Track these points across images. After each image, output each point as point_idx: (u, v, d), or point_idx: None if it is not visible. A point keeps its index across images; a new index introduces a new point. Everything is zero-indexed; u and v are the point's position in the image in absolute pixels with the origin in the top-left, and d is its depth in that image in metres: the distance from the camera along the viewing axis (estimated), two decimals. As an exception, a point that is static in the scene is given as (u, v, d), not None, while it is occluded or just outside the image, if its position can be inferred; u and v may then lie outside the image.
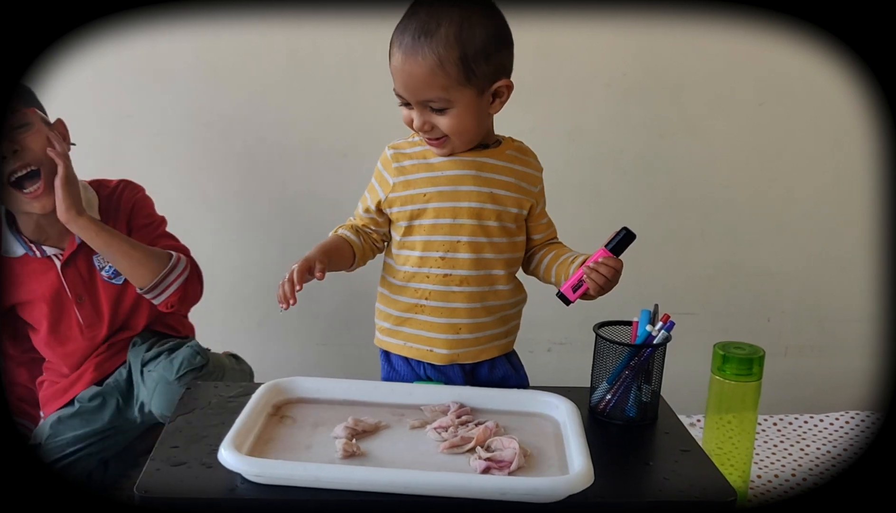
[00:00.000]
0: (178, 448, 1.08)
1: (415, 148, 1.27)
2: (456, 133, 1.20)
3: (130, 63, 1.93)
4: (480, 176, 1.25)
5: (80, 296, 1.59)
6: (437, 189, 1.24)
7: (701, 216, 2.10)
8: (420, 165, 1.25)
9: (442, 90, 1.16)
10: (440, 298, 1.26)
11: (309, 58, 1.95)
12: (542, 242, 1.34)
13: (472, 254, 1.25)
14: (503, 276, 1.28)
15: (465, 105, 1.18)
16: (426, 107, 1.19)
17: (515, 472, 1.01)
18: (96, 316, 1.61)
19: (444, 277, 1.25)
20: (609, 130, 2.04)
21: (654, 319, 1.23)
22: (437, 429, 1.10)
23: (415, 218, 1.25)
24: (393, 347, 1.31)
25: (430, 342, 1.28)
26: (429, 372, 1.30)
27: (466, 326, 1.27)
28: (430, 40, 1.14)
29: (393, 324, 1.30)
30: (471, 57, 1.15)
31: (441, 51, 1.14)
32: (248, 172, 2.01)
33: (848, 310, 2.14)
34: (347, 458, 1.03)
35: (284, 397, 1.19)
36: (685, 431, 1.21)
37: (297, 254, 1.64)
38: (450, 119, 1.19)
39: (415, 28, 1.15)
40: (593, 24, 1.96)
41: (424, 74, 1.15)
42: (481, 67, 1.17)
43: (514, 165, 1.28)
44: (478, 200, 1.24)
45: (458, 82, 1.16)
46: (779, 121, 2.04)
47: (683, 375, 1.61)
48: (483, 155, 1.26)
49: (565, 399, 1.17)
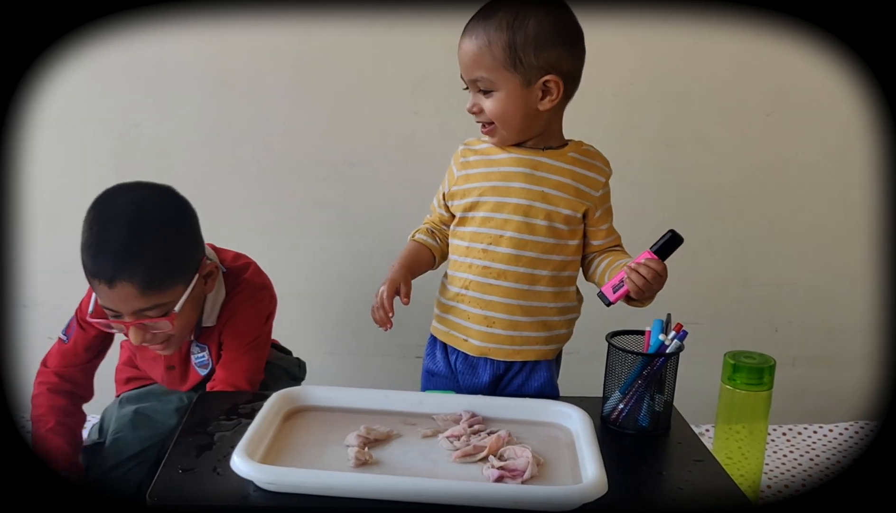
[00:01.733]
0: (190, 455, 1.07)
1: (482, 144, 1.33)
2: (499, 118, 1.26)
3: (138, 72, 1.94)
4: (533, 174, 1.29)
5: (172, 366, 1.57)
6: (490, 184, 1.29)
7: (708, 226, 2.09)
8: (481, 160, 1.32)
9: (487, 71, 1.23)
10: (478, 288, 1.30)
11: (317, 66, 1.95)
12: (601, 248, 1.35)
13: (514, 249, 1.28)
14: (546, 277, 1.30)
15: (509, 92, 1.24)
16: (476, 88, 1.26)
17: (528, 481, 1.01)
18: (180, 383, 1.60)
19: (483, 268, 1.30)
20: (616, 140, 2.02)
21: (666, 329, 1.23)
22: (450, 438, 1.10)
23: (468, 210, 1.31)
24: (438, 333, 1.38)
25: (467, 332, 1.33)
26: (459, 363, 1.34)
27: (500, 322, 1.30)
28: (485, 22, 1.23)
29: (441, 311, 1.37)
30: (519, 45, 1.22)
31: (492, 32, 1.22)
32: (255, 181, 2.01)
33: (856, 320, 2.13)
34: (360, 466, 1.03)
35: (296, 405, 1.18)
36: (698, 440, 1.21)
37: (305, 262, 1.65)
38: (493, 103, 1.24)
39: (480, 13, 1.24)
40: (601, 35, 1.96)
41: (473, 52, 1.23)
42: (529, 58, 1.23)
43: (573, 167, 1.31)
44: (526, 197, 1.28)
45: (503, 66, 1.22)
46: (787, 131, 2.04)
47: (691, 385, 1.60)
48: (542, 155, 1.30)
49: (578, 409, 1.17)
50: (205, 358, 1.54)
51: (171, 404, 1.57)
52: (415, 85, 1.92)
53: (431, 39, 1.49)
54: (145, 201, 1.36)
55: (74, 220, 1.97)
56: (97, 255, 1.30)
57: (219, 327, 1.51)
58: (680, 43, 1.96)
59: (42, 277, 2.01)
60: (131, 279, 1.28)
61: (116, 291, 1.29)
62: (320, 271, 2.04)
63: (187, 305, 1.37)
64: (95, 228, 1.32)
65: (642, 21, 1.92)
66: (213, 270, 1.45)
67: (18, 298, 2.01)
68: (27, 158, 1.93)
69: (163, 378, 1.61)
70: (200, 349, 1.54)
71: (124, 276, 1.27)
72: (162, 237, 1.33)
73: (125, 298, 1.29)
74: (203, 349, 1.53)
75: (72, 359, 1.53)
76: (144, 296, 1.30)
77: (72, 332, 1.52)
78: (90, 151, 1.97)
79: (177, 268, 1.34)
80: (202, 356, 1.54)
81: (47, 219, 1.99)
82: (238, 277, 1.53)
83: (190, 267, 1.38)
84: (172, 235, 1.35)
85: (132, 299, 1.30)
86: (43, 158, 1.95)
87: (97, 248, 1.30)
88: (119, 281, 1.28)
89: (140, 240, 1.30)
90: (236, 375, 1.47)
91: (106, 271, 1.28)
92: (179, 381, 1.60)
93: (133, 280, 1.28)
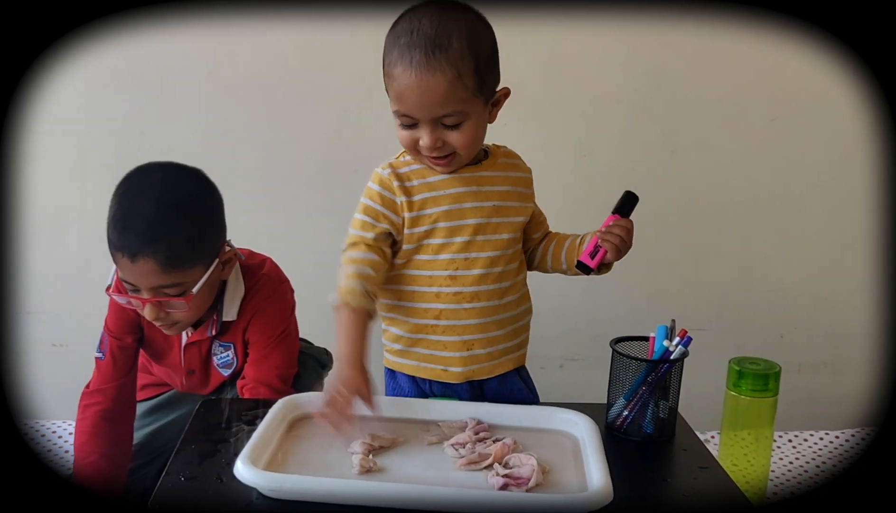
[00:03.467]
0: (192, 463, 1.07)
1: (410, 167, 1.23)
2: (466, 148, 1.18)
3: (143, 79, 1.94)
4: (480, 191, 1.23)
5: (192, 370, 1.57)
6: (442, 209, 1.22)
7: (713, 232, 2.09)
8: (423, 185, 1.22)
9: (460, 103, 1.13)
10: (451, 316, 1.24)
11: (320, 73, 1.96)
12: (540, 238, 1.34)
13: (481, 270, 1.23)
14: (512, 286, 1.28)
15: (476, 117, 1.16)
16: (438, 124, 1.15)
17: (533, 489, 1.00)
18: (201, 386, 1.60)
19: (454, 295, 1.23)
20: (620, 147, 2.04)
21: (671, 335, 1.22)
22: (455, 445, 1.09)
23: (422, 239, 1.23)
24: (405, 368, 1.29)
25: (444, 362, 1.26)
26: (435, 389, 1.29)
27: (479, 342, 1.26)
28: (445, 55, 1.11)
29: (405, 345, 1.28)
30: (483, 67, 1.14)
31: (459, 64, 1.11)
32: (258, 188, 2.01)
33: (862, 326, 2.12)
34: (364, 473, 1.02)
35: (302, 411, 1.18)
36: (703, 447, 1.20)
37: (308, 271, 1.64)
38: (462, 134, 1.16)
39: (424, 44, 1.11)
40: (605, 41, 1.97)
41: (444, 89, 1.12)
42: (489, 77, 1.17)
43: (509, 173, 1.28)
44: (481, 215, 1.23)
45: (472, 95, 1.14)
46: (790, 136, 2.04)
47: (696, 392, 1.60)
48: (479, 169, 1.25)
49: (584, 416, 1.16)
50: (229, 357, 1.54)
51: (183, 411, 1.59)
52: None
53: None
54: (175, 180, 1.38)
55: (79, 227, 1.99)
56: (124, 229, 1.32)
57: (242, 325, 1.50)
58: (683, 49, 1.97)
59: (46, 285, 2.01)
60: (154, 255, 1.30)
61: (138, 266, 1.31)
62: (323, 279, 2.03)
63: (204, 288, 1.38)
64: (125, 202, 1.34)
65: (646, 27, 1.92)
66: (232, 256, 1.47)
67: (22, 305, 2.01)
68: (31, 165, 1.94)
69: (182, 384, 1.61)
70: (224, 349, 1.54)
71: (148, 251, 1.29)
72: (188, 217, 1.35)
73: (146, 273, 1.31)
74: (227, 349, 1.53)
75: (112, 372, 1.52)
76: (165, 273, 1.32)
77: (105, 346, 1.52)
78: (95, 157, 1.98)
79: (199, 249, 1.36)
80: (226, 356, 1.54)
81: (51, 226, 1.99)
82: (256, 273, 1.53)
83: (212, 249, 1.40)
84: (198, 217, 1.38)
85: (152, 275, 1.32)
86: (47, 164, 1.96)
87: (124, 222, 1.32)
88: (142, 256, 1.30)
89: (166, 218, 1.32)
90: (268, 372, 1.47)
91: (130, 246, 1.30)
92: (200, 385, 1.60)
93: (156, 257, 1.30)
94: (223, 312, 1.49)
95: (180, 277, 1.34)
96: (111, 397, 1.51)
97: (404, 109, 1.15)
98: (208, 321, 1.50)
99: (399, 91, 1.14)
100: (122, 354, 1.51)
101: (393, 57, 1.14)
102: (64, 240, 2.00)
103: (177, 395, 1.68)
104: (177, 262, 1.32)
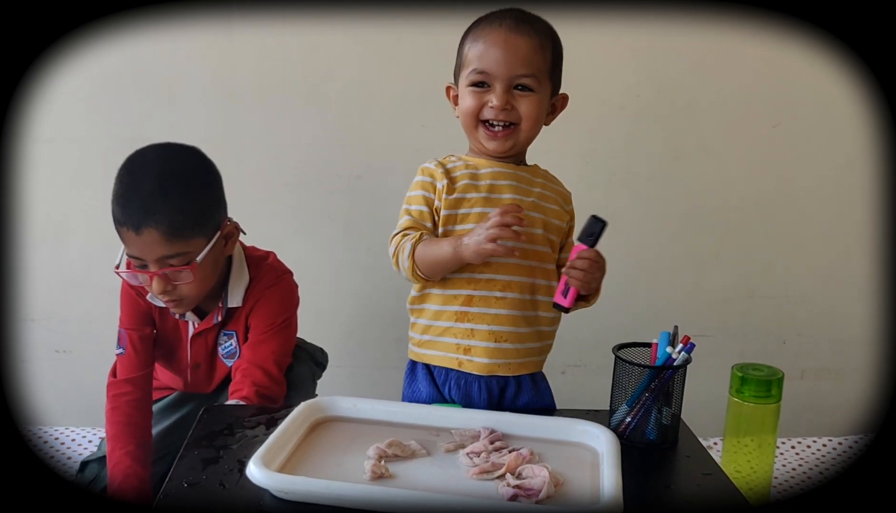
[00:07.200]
0: (196, 469, 1.07)
1: (455, 163, 1.29)
2: (529, 120, 1.23)
3: (146, 85, 1.95)
4: (521, 186, 1.28)
5: (198, 364, 1.60)
6: (480, 195, 1.25)
7: (716, 238, 2.09)
8: (466, 173, 1.27)
9: (537, 70, 1.21)
10: (483, 303, 1.25)
11: (324, 80, 1.96)
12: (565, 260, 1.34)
13: (519, 259, 1.25)
14: (544, 286, 1.28)
15: (542, 97, 1.23)
16: (511, 88, 1.21)
17: (544, 500, 0.98)
18: (206, 382, 1.63)
19: (487, 281, 1.25)
20: (623, 153, 2.04)
21: (674, 341, 1.22)
22: (470, 454, 1.08)
23: (459, 222, 1.25)
24: (429, 359, 1.30)
25: (471, 351, 1.26)
26: (453, 391, 1.29)
27: (508, 335, 1.26)
28: (534, 25, 1.22)
29: (433, 335, 1.29)
30: (557, 56, 1.24)
31: (543, 38, 1.22)
32: (262, 194, 2.01)
33: (865, 333, 2.12)
34: (376, 479, 1.02)
35: (322, 415, 1.18)
36: (706, 454, 1.20)
37: (312, 276, 1.65)
38: (530, 103, 1.22)
39: (514, 14, 1.22)
40: (607, 47, 1.97)
41: (529, 49, 1.20)
42: (558, 70, 1.25)
43: (549, 183, 1.33)
44: (521, 205, 1.23)
45: (547, 71, 1.23)
46: (793, 142, 2.04)
47: (699, 398, 1.60)
48: (520, 170, 1.30)
49: (605, 429, 1.14)
50: (232, 346, 1.57)
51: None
52: (422, 98, 1.93)
53: (439, 53, 1.49)
54: (173, 156, 1.44)
55: (82, 233, 1.99)
56: (126, 203, 1.37)
57: (245, 312, 1.54)
58: (686, 54, 1.97)
59: (49, 292, 2.01)
60: (157, 225, 1.35)
61: (143, 237, 1.35)
62: (327, 284, 2.04)
63: (207, 261, 1.42)
64: (126, 179, 1.40)
65: (649, 32, 1.93)
66: (234, 231, 1.50)
67: (25, 311, 2.01)
68: (34, 172, 1.95)
69: (186, 382, 1.62)
70: (227, 337, 1.57)
71: (150, 222, 1.35)
72: (187, 188, 1.40)
73: (150, 244, 1.36)
74: (230, 337, 1.56)
75: (137, 362, 1.55)
76: (168, 242, 1.36)
77: (124, 341, 1.55)
78: (97, 164, 1.97)
79: (200, 218, 1.41)
80: (230, 345, 1.57)
81: (55, 232, 1.99)
82: (260, 264, 1.57)
83: (212, 221, 1.44)
84: (197, 188, 1.43)
85: (157, 246, 1.36)
86: (50, 171, 1.96)
87: (126, 197, 1.38)
88: (146, 227, 1.35)
89: (166, 189, 1.37)
90: (263, 355, 1.50)
91: (133, 218, 1.35)
92: (206, 379, 1.62)
93: (159, 226, 1.35)
94: (228, 298, 1.52)
95: (183, 247, 1.39)
96: (141, 386, 1.54)
97: (482, 66, 1.21)
98: (214, 310, 1.54)
99: (482, 50, 1.22)
100: (142, 344, 1.55)
101: (478, 29, 1.23)
102: (67, 247, 2.00)
103: (179, 397, 1.70)
104: (179, 230, 1.37)
